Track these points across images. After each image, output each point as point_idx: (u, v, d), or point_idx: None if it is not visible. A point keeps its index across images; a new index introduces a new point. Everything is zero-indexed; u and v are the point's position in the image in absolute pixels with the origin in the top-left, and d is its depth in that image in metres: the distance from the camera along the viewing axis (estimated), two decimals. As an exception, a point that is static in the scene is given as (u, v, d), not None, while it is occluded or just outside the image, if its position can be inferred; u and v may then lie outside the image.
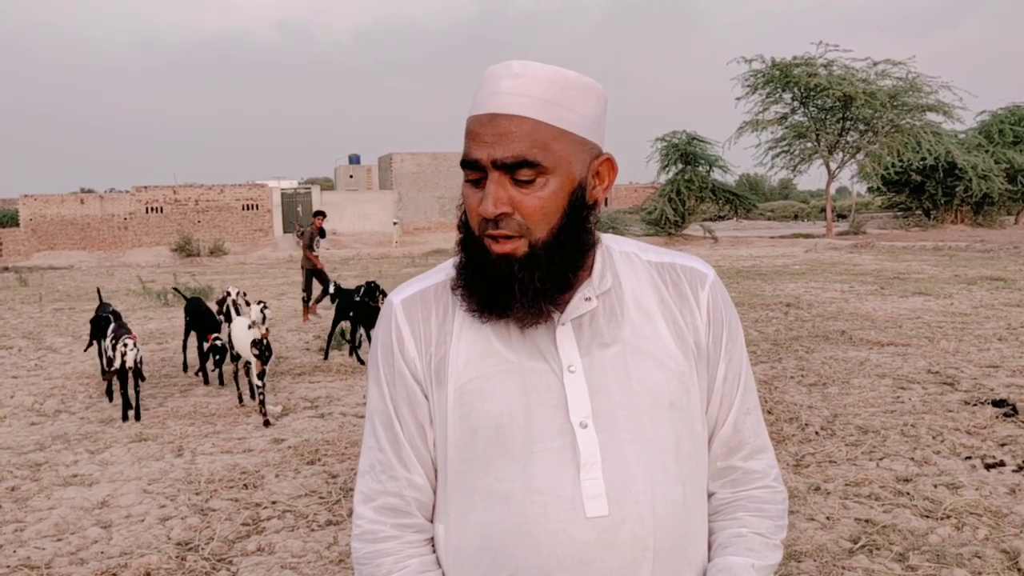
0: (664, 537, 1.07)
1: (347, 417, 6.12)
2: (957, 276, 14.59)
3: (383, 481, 1.13)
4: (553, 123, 1.03)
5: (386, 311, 1.16)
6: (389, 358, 1.13)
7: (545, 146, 1.02)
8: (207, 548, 3.79)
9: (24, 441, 5.63)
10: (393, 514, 1.13)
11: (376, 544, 1.12)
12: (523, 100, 1.02)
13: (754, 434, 1.19)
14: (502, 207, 1.02)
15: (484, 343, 1.09)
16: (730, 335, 1.16)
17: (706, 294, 1.15)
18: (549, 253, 1.04)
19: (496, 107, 1.03)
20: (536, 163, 1.01)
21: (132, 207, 34.28)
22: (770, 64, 31.80)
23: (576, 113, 1.05)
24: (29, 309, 13.90)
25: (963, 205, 35.10)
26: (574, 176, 1.05)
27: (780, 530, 1.18)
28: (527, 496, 1.05)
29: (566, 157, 1.04)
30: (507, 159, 1.01)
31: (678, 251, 1.21)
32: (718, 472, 1.18)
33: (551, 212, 1.03)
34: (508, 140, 1.01)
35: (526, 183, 1.02)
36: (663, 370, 1.09)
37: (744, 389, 1.18)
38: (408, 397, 1.12)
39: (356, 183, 46.37)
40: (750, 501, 1.17)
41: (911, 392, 6.22)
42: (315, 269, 11.92)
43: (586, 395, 1.06)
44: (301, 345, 9.43)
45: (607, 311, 1.10)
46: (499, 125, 1.02)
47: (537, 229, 1.03)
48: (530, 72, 1.03)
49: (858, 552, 3.51)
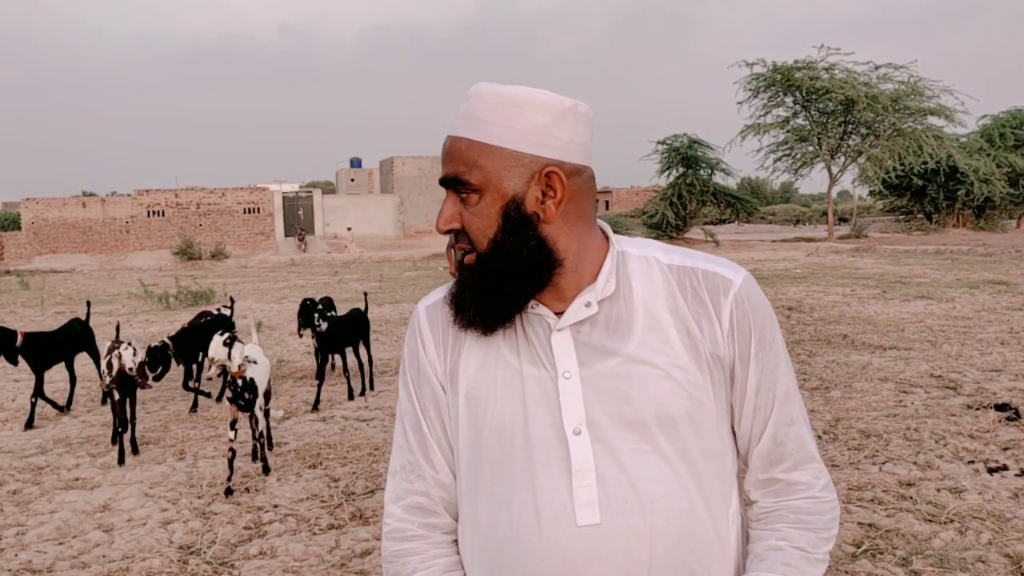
0: (662, 552, 1.04)
1: (349, 421, 6.11)
2: (959, 280, 14.58)
3: (412, 481, 1.17)
4: (480, 139, 1.06)
5: (413, 319, 1.22)
6: (415, 362, 1.18)
7: (473, 163, 1.06)
8: (209, 552, 3.79)
9: (26, 445, 5.63)
10: (421, 513, 1.17)
11: (404, 543, 1.16)
12: (463, 121, 1.08)
13: (799, 446, 1.13)
14: (451, 223, 1.09)
15: (494, 349, 1.11)
16: (761, 344, 1.10)
17: (729, 302, 1.09)
18: (490, 264, 1.07)
19: (453, 130, 1.10)
20: (466, 181, 1.07)
21: (134, 210, 34.34)
22: (772, 68, 31.85)
23: (510, 128, 1.05)
24: (31, 312, 13.91)
25: (965, 209, 35.12)
26: (506, 191, 1.06)
27: (824, 543, 1.11)
28: (524, 502, 1.06)
29: (496, 172, 1.06)
30: (446, 176, 1.09)
31: (708, 254, 1.16)
32: (760, 483, 1.14)
33: (486, 226, 1.07)
34: (448, 160, 1.09)
35: (465, 200, 1.08)
36: (669, 382, 1.06)
37: (784, 400, 1.12)
38: (434, 399, 1.17)
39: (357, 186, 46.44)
40: (791, 512, 1.12)
41: (914, 396, 6.21)
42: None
43: (580, 402, 1.05)
44: (303, 349, 9.43)
45: (612, 318, 1.08)
46: (447, 146, 1.10)
47: (478, 243, 1.08)
48: (477, 93, 1.08)
49: (861, 556, 3.50)
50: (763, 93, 32.43)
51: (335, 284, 18.33)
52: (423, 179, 39.82)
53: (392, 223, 38.86)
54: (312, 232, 36.77)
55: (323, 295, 9.17)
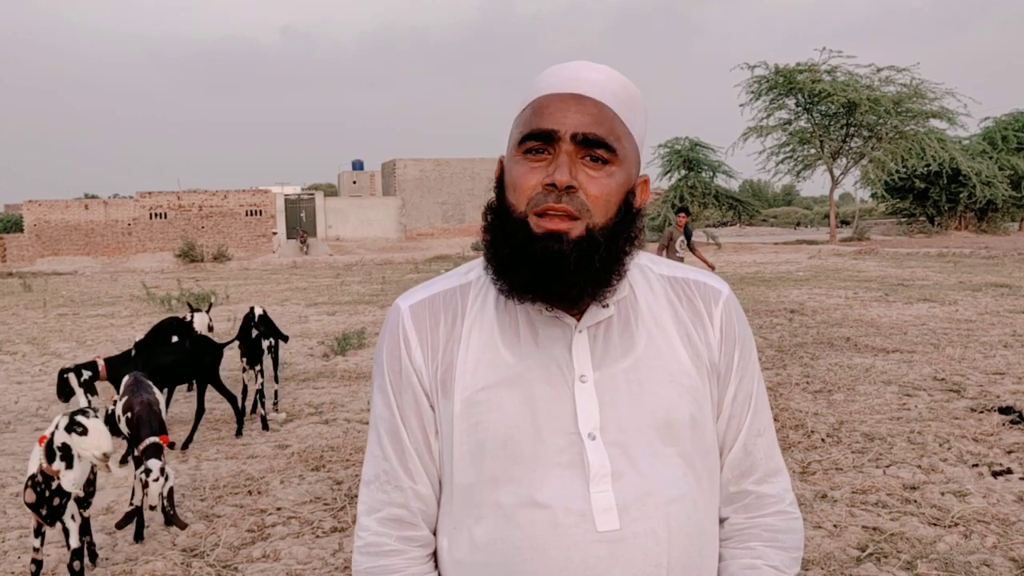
0: (679, 554, 1.04)
1: (352, 423, 6.11)
2: (962, 283, 14.56)
3: (388, 491, 1.10)
4: (626, 122, 1.06)
5: (393, 317, 1.12)
6: (396, 365, 1.10)
7: (619, 138, 1.04)
8: (212, 554, 3.78)
9: (29, 447, 5.63)
10: (398, 526, 1.10)
11: (379, 559, 1.09)
12: (607, 93, 1.04)
13: (767, 456, 1.15)
14: (572, 181, 1.00)
15: (493, 352, 1.07)
16: (742, 354, 1.13)
17: (720, 311, 1.12)
18: (604, 240, 1.02)
19: (581, 90, 1.04)
20: (613, 149, 1.03)
21: (136, 213, 34.38)
22: (773, 70, 31.85)
23: (638, 124, 1.08)
24: (33, 315, 13.93)
25: (967, 212, 35.11)
26: (632, 176, 1.07)
27: (795, 563, 1.13)
28: (537, 510, 1.02)
29: (629, 156, 1.06)
30: (591, 135, 1.01)
31: (689, 266, 1.19)
32: (731, 497, 1.14)
33: (612, 201, 1.03)
34: (594, 119, 1.02)
35: (599, 164, 1.02)
36: (676, 387, 1.07)
37: (755, 409, 1.14)
38: (416, 405, 1.09)
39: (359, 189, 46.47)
40: (764, 530, 1.13)
41: (917, 399, 6.20)
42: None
43: (596, 407, 1.04)
44: (305, 351, 9.43)
45: (622, 321, 1.09)
46: (585, 105, 1.03)
47: (597, 213, 1.02)
48: (609, 72, 1.07)
49: (866, 560, 3.49)
50: (765, 95, 32.43)
51: (337, 286, 18.34)
52: (425, 182, 39.85)
53: (394, 225, 38.89)
54: (314, 235, 36.80)
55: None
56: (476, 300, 1.11)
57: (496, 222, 1.07)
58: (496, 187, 1.10)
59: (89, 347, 10.14)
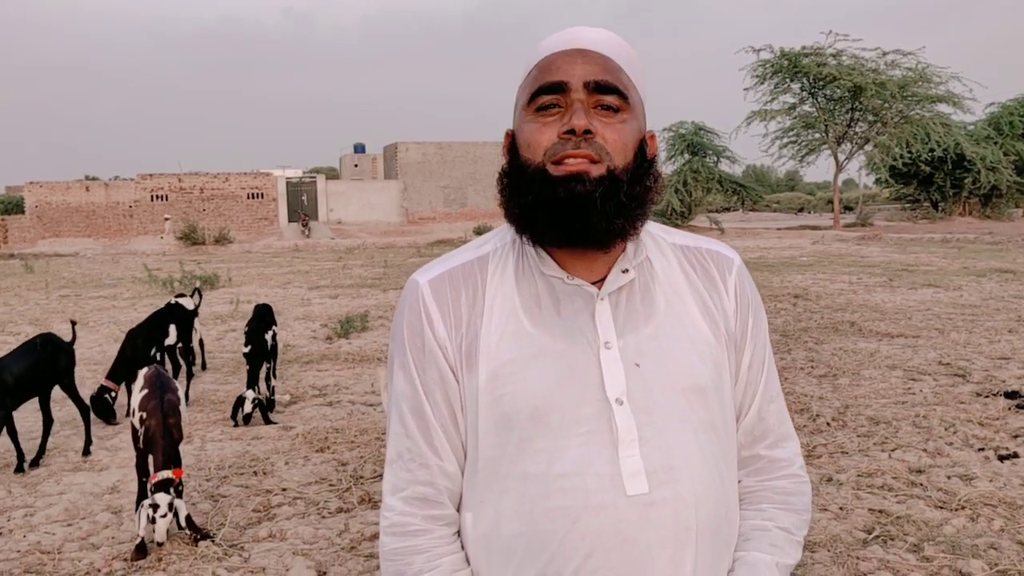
0: (706, 518, 1.05)
1: (356, 405, 6.10)
2: (966, 268, 14.52)
3: (413, 470, 1.09)
4: (631, 75, 1.07)
5: (411, 292, 1.10)
6: (418, 341, 1.08)
7: (628, 86, 1.05)
8: (219, 534, 3.78)
9: (33, 427, 5.63)
10: (423, 504, 1.09)
11: (406, 539, 1.08)
12: (609, 47, 1.06)
13: (778, 422, 1.17)
14: (589, 127, 1.01)
15: (515, 324, 1.07)
16: (755, 321, 1.15)
17: (733, 279, 1.14)
18: (626, 180, 1.03)
19: (584, 45, 1.05)
20: (625, 95, 1.04)
21: (137, 195, 34.30)
22: (779, 54, 31.63)
23: (640, 79, 1.10)
24: (35, 296, 13.92)
25: (971, 197, 34.96)
26: (642, 127, 1.08)
27: (804, 525, 1.15)
28: (565, 477, 1.02)
29: (638, 106, 1.07)
30: (603, 81, 1.02)
31: (701, 236, 1.20)
32: (743, 460, 1.16)
33: (628, 146, 1.04)
34: (602, 68, 1.04)
35: (611, 111, 1.03)
36: (697, 353, 1.08)
37: (768, 376, 1.16)
38: (441, 381, 1.08)
39: (361, 172, 46.31)
40: (775, 492, 1.15)
41: (922, 383, 6.19)
42: None
43: (622, 372, 1.04)
44: (308, 334, 9.43)
45: (642, 286, 1.10)
46: (591, 56, 1.04)
47: (616, 156, 1.02)
48: (607, 32, 1.09)
49: (872, 542, 3.49)
50: (770, 79, 32.23)
51: (339, 270, 18.32)
52: (427, 165, 39.69)
53: (396, 209, 38.78)
54: (315, 218, 36.71)
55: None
56: (496, 272, 1.11)
57: (512, 181, 1.07)
58: (508, 155, 1.09)
59: (91, 328, 10.14)
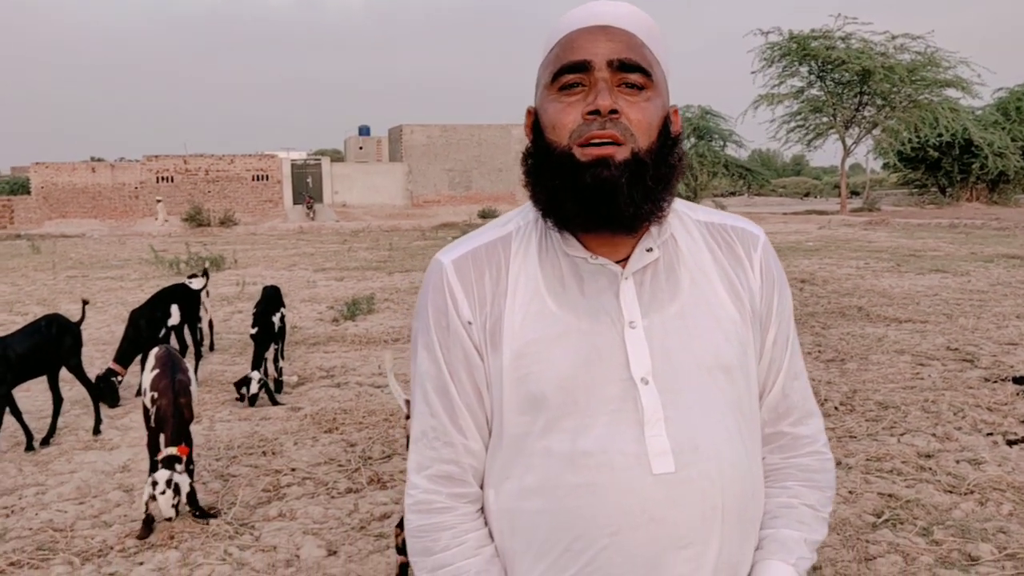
0: (732, 497, 1.05)
1: (363, 387, 6.12)
2: (974, 254, 14.46)
3: (437, 448, 1.10)
4: (654, 50, 1.05)
5: (436, 273, 1.10)
6: (442, 320, 1.09)
7: (651, 63, 1.04)
8: (230, 513, 3.81)
9: (44, 406, 5.65)
10: (448, 483, 1.10)
11: (431, 516, 1.09)
12: (632, 23, 1.04)
13: (802, 398, 1.17)
14: (614, 106, 1.00)
15: (539, 304, 1.06)
16: (780, 298, 1.15)
17: (759, 255, 1.13)
18: (651, 163, 1.02)
19: (607, 22, 1.03)
20: (649, 73, 1.02)
21: (143, 176, 34.28)
22: (787, 37, 31.34)
23: (663, 54, 1.08)
24: (43, 276, 13.95)
25: (979, 183, 34.75)
26: (666, 103, 1.07)
27: (829, 502, 1.16)
28: (591, 455, 1.02)
29: (661, 83, 1.06)
30: (627, 59, 1.01)
31: (724, 212, 1.19)
32: (767, 437, 1.16)
33: (653, 126, 1.03)
34: (626, 45, 1.02)
35: (635, 89, 1.02)
36: (722, 331, 1.08)
37: (792, 353, 1.16)
38: (466, 360, 1.08)
39: (366, 155, 46.18)
40: (800, 470, 1.16)
41: (930, 368, 6.18)
42: None
43: (647, 351, 1.04)
44: (314, 316, 9.44)
45: (666, 265, 1.09)
46: (614, 33, 1.02)
47: (641, 138, 1.01)
48: (629, 6, 1.07)
49: (882, 526, 3.50)
50: (778, 63, 31.93)
51: (344, 252, 18.31)
52: (432, 148, 39.55)
53: (401, 192, 38.71)
54: (320, 200, 36.67)
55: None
56: (519, 251, 1.10)
57: (537, 163, 1.06)
58: (531, 134, 1.09)
59: (99, 309, 10.16)
